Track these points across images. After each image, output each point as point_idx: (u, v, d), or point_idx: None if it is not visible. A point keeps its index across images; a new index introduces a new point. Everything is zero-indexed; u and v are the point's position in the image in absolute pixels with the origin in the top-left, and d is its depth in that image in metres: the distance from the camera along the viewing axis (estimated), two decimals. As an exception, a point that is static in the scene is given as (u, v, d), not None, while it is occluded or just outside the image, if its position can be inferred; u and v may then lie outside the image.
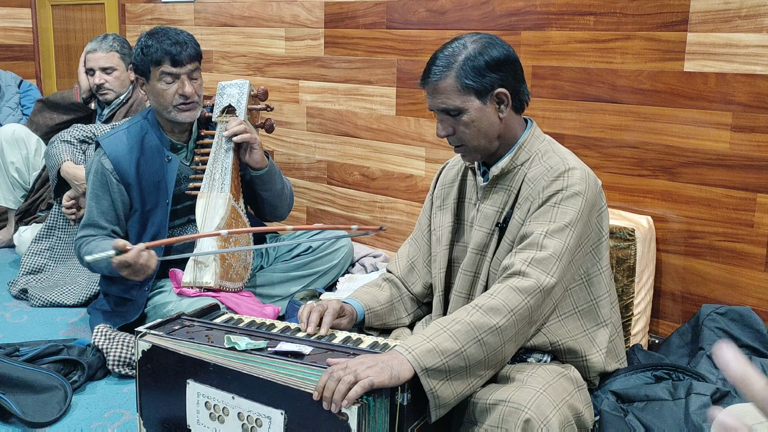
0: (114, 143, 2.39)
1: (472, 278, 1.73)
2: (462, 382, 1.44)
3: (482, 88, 1.60)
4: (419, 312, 1.93)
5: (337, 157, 3.10)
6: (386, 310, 1.85)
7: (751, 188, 2.01)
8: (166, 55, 2.29)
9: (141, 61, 2.33)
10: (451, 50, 1.62)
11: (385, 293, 1.88)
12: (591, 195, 1.62)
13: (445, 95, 1.62)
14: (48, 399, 2.05)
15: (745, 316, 1.95)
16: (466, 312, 1.48)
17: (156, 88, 2.33)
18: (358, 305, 1.81)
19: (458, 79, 1.60)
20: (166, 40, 2.30)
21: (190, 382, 1.54)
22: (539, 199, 1.61)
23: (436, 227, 1.85)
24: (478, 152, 1.68)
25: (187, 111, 2.36)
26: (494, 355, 1.47)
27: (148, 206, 2.39)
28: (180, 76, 2.31)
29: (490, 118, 1.63)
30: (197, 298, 2.22)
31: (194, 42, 2.37)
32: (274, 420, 1.43)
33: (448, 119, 1.64)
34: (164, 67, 2.30)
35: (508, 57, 1.63)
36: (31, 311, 2.79)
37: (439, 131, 1.67)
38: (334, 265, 2.64)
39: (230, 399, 1.48)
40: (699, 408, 1.59)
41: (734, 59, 2.00)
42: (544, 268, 1.53)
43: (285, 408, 1.41)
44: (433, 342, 1.42)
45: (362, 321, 1.82)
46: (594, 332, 1.67)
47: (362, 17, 2.90)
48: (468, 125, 1.63)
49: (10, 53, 4.63)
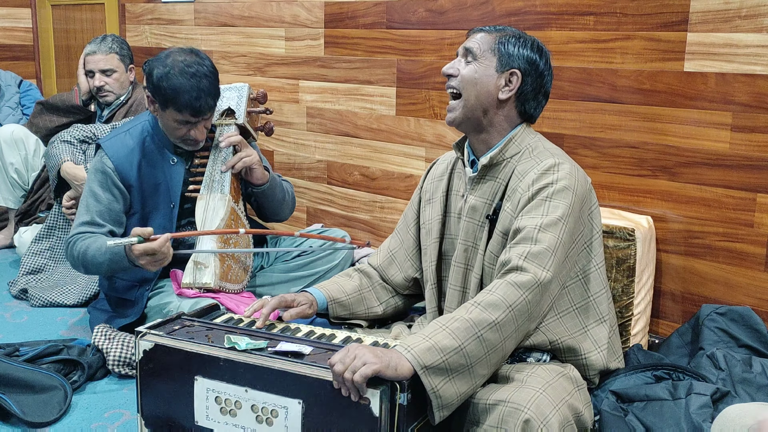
0: (115, 145, 2.39)
1: (464, 270, 1.76)
2: (464, 382, 1.44)
3: (506, 60, 1.70)
4: (394, 301, 1.96)
5: (337, 157, 3.10)
6: (354, 300, 1.89)
7: (750, 188, 2.01)
8: (187, 108, 2.24)
9: (159, 95, 2.27)
10: (512, 29, 1.76)
11: (354, 283, 1.92)
12: (581, 190, 1.64)
13: (478, 41, 1.73)
14: (48, 399, 2.05)
15: (745, 316, 1.95)
16: (465, 309, 1.49)
17: (168, 123, 2.32)
18: (320, 294, 1.85)
19: (496, 39, 1.72)
20: (191, 91, 2.22)
21: (199, 379, 1.55)
22: (529, 193, 1.63)
23: (426, 221, 1.88)
24: (465, 110, 1.72)
25: (192, 145, 2.39)
26: (495, 352, 1.47)
27: (148, 208, 2.39)
28: (197, 123, 2.31)
29: (491, 87, 1.70)
30: (197, 299, 2.22)
31: (215, 84, 2.31)
32: (291, 410, 1.44)
33: (461, 61, 1.73)
34: (183, 115, 2.27)
35: (542, 70, 1.73)
36: (31, 311, 2.80)
37: (446, 67, 1.75)
38: (334, 266, 2.64)
39: (243, 392, 1.50)
40: (699, 408, 1.59)
41: (734, 59, 2.00)
42: (540, 263, 1.54)
43: (302, 397, 1.43)
44: (432, 340, 1.43)
45: (326, 310, 1.85)
46: (593, 329, 1.67)
47: (362, 17, 2.90)
48: (472, 73, 1.70)
49: (10, 53, 4.63)
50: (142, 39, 3.95)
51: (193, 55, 2.31)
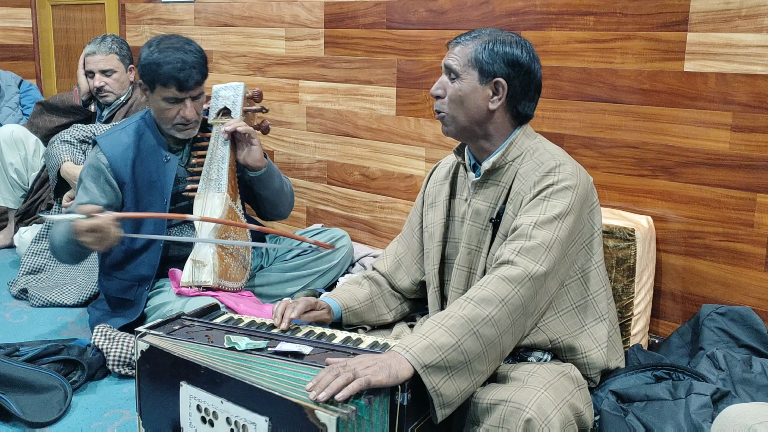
0: (111, 142, 2.40)
1: (467, 274, 1.76)
2: (464, 379, 1.44)
3: (487, 69, 1.66)
4: (402, 308, 1.95)
5: (337, 157, 3.10)
6: (365, 308, 1.88)
7: (750, 188, 2.01)
8: (172, 80, 2.27)
9: (146, 74, 2.31)
10: (488, 31, 1.71)
11: (365, 290, 1.90)
12: (582, 190, 1.63)
13: (456, 56, 1.69)
14: (48, 399, 2.05)
15: (745, 316, 1.95)
16: (459, 306, 1.49)
17: (158, 104, 2.33)
18: (335, 303, 1.84)
19: (474, 50, 1.67)
20: (175, 62, 2.26)
21: (184, 384, 1.53)
22: (530, 194, 1.63)
23: (428, 224, 1.87)
24: (456, 125, 1.71)
25: (185, 130, 2.38)
26: (492, 347, 1.47)
27: (142, 205, 2.39)
28: (184, 99, 2.32)
29: (478, 101, 1.68)
30: (197, 298, 2.22)
31: (202, 62, 2.34)
32: (259, 426, 1.41)
33: (445, 80, 1.71)
34: (170, 90, 2.29)
35: (527, 65, 1.68)
36: (31, 311, 2.79)
37: (433, 88, 1.73)
38: (333, 265, 2.64)
39: (219, 403, 1.47)
40: (699, 408, 1.59)
41: (734, 59, 2.00)
42: (532, 257, 1.53)
43: (269, 415, 1.39)
44: (429, 338, 1.43)
45: (340, 319, 1.84)
46: (592, 327, 1.67)
47: (362, 17, 2.90)
48: (456, 92, 1.68)
49: (10, 53, 4.63)
50: (142, 39, 3.95)
51: (180, 37, 2.36)
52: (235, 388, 1.44)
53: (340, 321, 1.85)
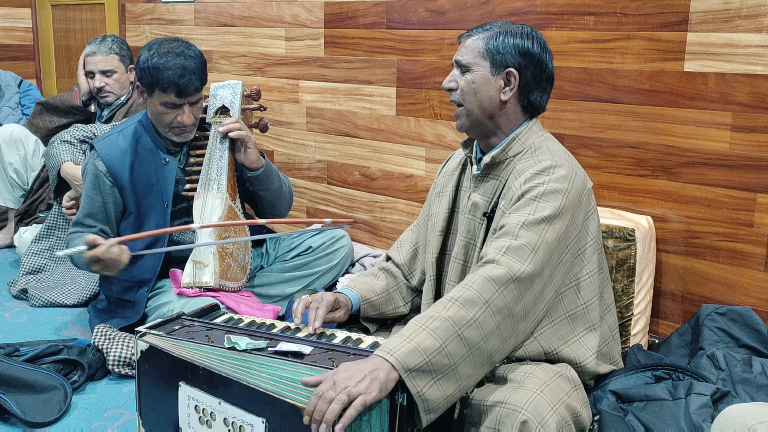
0: (108, 146, 2.39)
1: (463, 266, 1.76)
2: (450, 384, 1.41)
3: (499, 60, 1.67)
4: (417, 300, 1.95)
5: (337, 157, 3.10)
6: (383, 300, 1.88)
7: (751, 188, 2.01)
8: (172, 86, 2.26)
9: (145, 78, 2.30)
10: (498, 23, 1.71)
11: (381, 283, 1.91)
12: (574, 195, 1.61)
13: (467, 50, 1.70)
14: (48, 399, 2.05)
15: (745, 316, 1.95)
16: (443, 306, 1.46)
17: (156, 108, 2.33)
18: (354, 295, 1.84)
19: (485, 41, 1.68)
20: (176, 68, 2.25)
21: (182, 385, 1.53)
22: (519, 191, 1.61)
23: (433, 213, 1.88)
24: (470, 118, 1.71)
25: (182, 134, 2.38)
26: (477, 350, 1.44)
27: (143, 209, 2.39)
28: (182, 105, 2.32)
29: (491, 92, 1.68)
30: (197, 298, 2.22)
31: (202, 68, 2.34)
32: (256, 428, 1.40)
33: (457, 73, 1.72)
34: (168, 96, 2.28)
35: (538, 55, 1.68)
36: (31, 311, 2.80)
37: (445, 82, 1.73)
38: (333, 265, 2.64)
39: (217, 404, 1.47)
40: (699, 408, 1.59)
41: (734, 59, 2.00)
42: (517, 257, 1.51)
43: (266, 416, 1.39)
44: (413, 342, 1.39)
45: (358, 311, 1.84)
46: (584, 336, 1.65)
47: (362, 17, 2.90)
48: (468, 84, 1.69)
49: (10, 53, 4.63)
50: (142, 39, 3.95)
51: (180, 41, 2.35)
52: (233, 389, 1.44)
53: (358, 312, 1.85)
